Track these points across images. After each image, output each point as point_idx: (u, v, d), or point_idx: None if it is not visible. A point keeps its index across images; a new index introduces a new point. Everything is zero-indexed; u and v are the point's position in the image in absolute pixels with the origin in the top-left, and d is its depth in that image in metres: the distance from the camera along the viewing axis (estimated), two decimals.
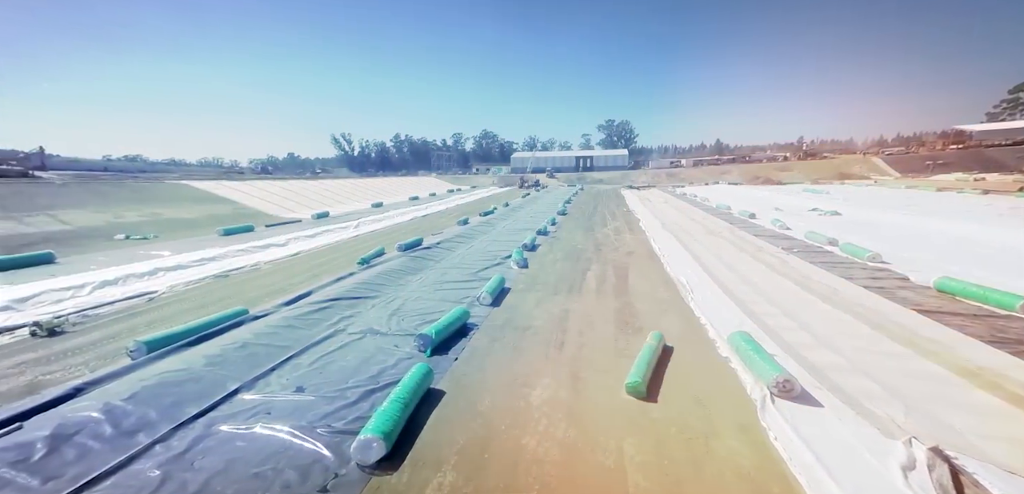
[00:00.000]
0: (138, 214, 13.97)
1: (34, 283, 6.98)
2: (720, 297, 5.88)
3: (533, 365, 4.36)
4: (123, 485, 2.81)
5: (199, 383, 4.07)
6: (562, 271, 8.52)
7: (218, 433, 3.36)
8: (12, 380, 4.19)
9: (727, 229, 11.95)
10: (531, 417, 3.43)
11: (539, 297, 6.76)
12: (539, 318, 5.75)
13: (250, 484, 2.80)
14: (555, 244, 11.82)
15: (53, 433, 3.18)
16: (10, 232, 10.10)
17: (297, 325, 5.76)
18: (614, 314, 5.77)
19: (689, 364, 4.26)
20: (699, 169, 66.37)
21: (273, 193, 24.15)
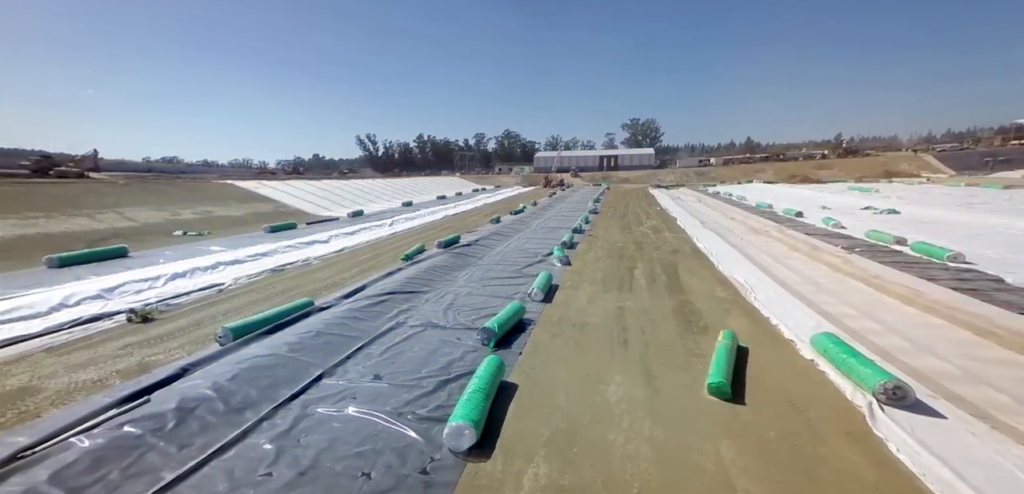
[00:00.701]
0: (191, 212, 14.88)
1: (116, 274, 7.55)
2: (785, 297, 5.69)
3: (600, 361, 4.35)
4: (244, 456, 3.04)
5: (286, 368, 4.33)
6: (607, 268, 8.51)
7: (315, 414, 3.56)
8: (125, 360, 4.59)
9: (774, 228, 11.58)
10: (611, 414, 3.43)
11: (590, 294, 6.78)
12: (595, 315, 5.75)
13: (356, 462, 2.94)
14: (594, 242, 11.79)
15: (177, 407, 3.46)
16: (86, 227, 10.98)
17: (361, 317, 6.00)
18: (673, 312, 5.69)
19: (770, 365, 4.14)
20: (730, 168, 64.33)
21: (308, 192, 25.10)
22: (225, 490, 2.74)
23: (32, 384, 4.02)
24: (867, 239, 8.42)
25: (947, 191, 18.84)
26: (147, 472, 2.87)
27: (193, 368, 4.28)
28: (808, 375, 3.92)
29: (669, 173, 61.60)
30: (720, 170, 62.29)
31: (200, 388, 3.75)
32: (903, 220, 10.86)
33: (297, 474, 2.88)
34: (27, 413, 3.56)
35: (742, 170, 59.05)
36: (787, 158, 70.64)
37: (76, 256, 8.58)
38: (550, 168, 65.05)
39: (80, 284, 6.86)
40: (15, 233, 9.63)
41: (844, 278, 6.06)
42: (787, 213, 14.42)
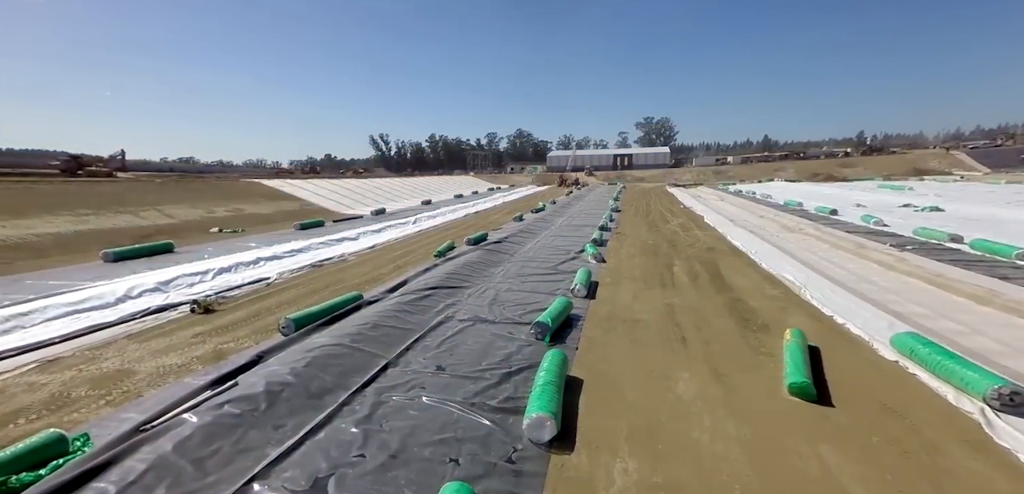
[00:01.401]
0: (224, 209, 15.35)
1: (167, 269, 7.86)
2: (843, 295, 5.55)
3: (662, 358, 4.33)
4: (334, 438, 3.16)
5: (352, 357, 4.46)
6: (644, 265, 8.48)
7: (390, 402, 3.65)
8: (200, 347, 4.82)
9: (809, 226, 11.37)
10: (688, 411, 3.39)
11: (632, 290, 6.77)
12: (643, 311, 5.72)
13: (441, 448, 3.00)
14: (623, 240, 11.75)
15: (265, 390, 3.61)
16: (132, 224, 11.44)
17: (411, 310, 6.12)
18: (725, 309, 5.62)
19: (848, 366, 4.00)
20: (748, 166, 63.13)
21: (330, 190, 25.58)
22: (325, 469, 2.86)
23: (125, 367, 4.29)
24: (917, 237, 8.20)
25: (989, 189, 18.20)
26: (252, 448, 3.03)
27: (267, 355, 4.48)
28: (895, 377, 3.80)
29: (686, 172, 60.80)
30: (739, 169, 61.22)
31: (280, 374, 3.89)
32: (950, 218, 10.50)
33: (388, 456, 2.97)
34: (130, 392, 3.82)
35: (761, 169, 57.88)
36: (808, 156, 68.98)
37: (129, 251, 8.95)
38: (565, 167, 64.84)
39: (138, 277, 7.16)
40: (72, 229, 10.11)
41: (901, 276, 5.90)
42: (820, 211, 14.14)
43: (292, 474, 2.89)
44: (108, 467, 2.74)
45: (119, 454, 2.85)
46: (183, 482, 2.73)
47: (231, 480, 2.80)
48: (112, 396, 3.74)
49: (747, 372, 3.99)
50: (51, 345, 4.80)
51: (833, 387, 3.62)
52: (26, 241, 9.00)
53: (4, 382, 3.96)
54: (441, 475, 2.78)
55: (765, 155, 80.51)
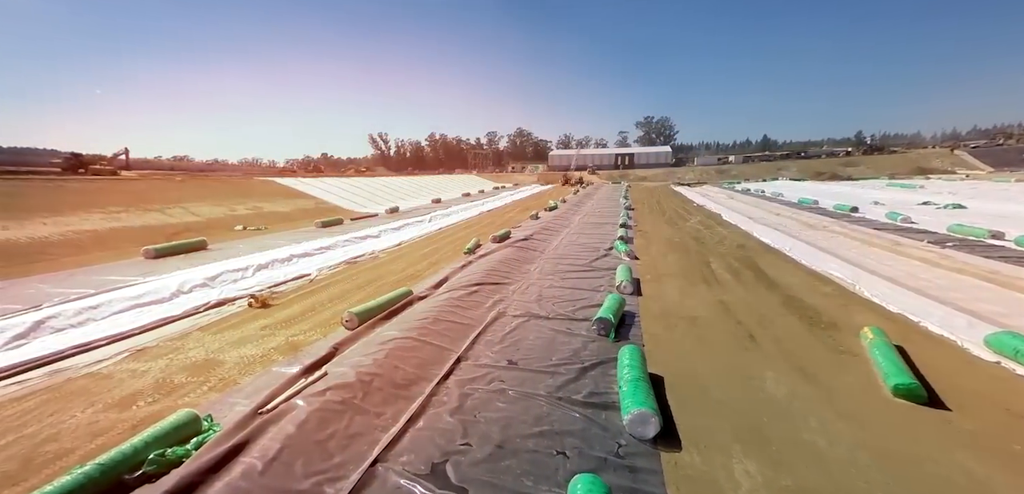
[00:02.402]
0: (245, 208, 15.37)
1: (209, 265, 7.89)
2: (903, 292, 5.47)
3: (737, 356, 4.30)
4: (434, 427, 3.23)
5: (424, 350, 4.50)
6: (679, 262, 8.55)
7: (476, 394, 3.69)
8: (272, 339, 4.90)
9: (834, 223, 11.50)
10: (788, 412, 3.32)
11: (677, 286, 6.84)
12: (697, 308, 5.73)
13: (543, 441, 3.03)
14: (648, 237, 11.82)
15: (358, 380, 3.66)
16: (161, 221, 11.47)
17: (463, 305, 6.17)
18: (783, 307, 5.59)
19: (944, 366, 3.85)
20: (751, 165, 63.37)
21: (342, 189, 25.59)
22: (438, 455, 2.93)
23: (211, 357, 4.40)
24: (953, 234, 8.31)
25: (1001, 187, 18.39)
26: (361, 433, 3.12)
27: (342, 346, 4.58)
28: (1003, 379, 3.67)
29: (688, 171, 60.99)
30: (741, 168, 61.43)
31: (365, 364, 3.96)
32: (976, 215, 10.59)
33: (494, 446, 3.02)
34: (226, 380, 3.95)
35: (764, 168, 58.09)
36: (809, 156, 69.38)
37: (168, 247, 8.99)
38: (568, 166, 65.00)
39: (186, 273, 7.21)
40: (107, 226, 10.13)
41: (951, 274, 5.89)
42: (839, 209, 14.27)
43: (407, 458, 2.97)
44: (247, 445, 2.89)
45: (252, 434, 2.97)
46: (314, 461, 2.85)
47: (356, 461, 2.90)
48: (211, 383, 3.88)
49: (836, 372, 3.92)
50: (132, 336, 4.96)
51: (938, 389, 3.51)
52: (67, 238, 9.04)
53: (108, 369, 4.15)
54: (553, 467, 2.81)
55: (766, 154, 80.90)
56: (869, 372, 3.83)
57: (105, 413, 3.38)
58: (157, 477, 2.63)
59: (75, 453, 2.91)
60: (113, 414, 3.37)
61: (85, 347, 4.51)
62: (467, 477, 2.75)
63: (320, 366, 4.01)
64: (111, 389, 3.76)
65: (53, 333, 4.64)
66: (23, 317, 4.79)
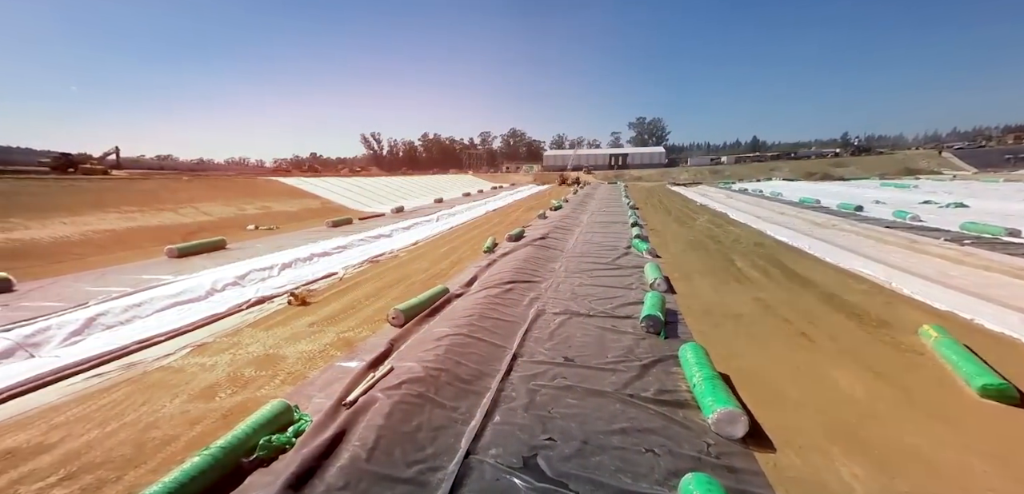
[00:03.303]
0: (254, 207, 15.19)
1: (236, 264, 7.80)
2: (942, 290, 5.50)
3: (798, 354, 4.28)
4: (510, 422, 3.26)
5: (478, 347, 4.52)
6: (701, 261, 8.70)
7: (543, 389, 3.70)
8: (324, 335, 4.92)
9: (842, 222, 11.80)
10: (876, 412, 3.25)
11: (709, 284, 6.93)
12: (737, 305, 5.76)
13: (627, 438, 3.02)
14: (662, 236, 11.96)
15: (425, 375, 3.69)
16: (174, 221, 11.29)
17: (501, 303, 6.19)
18: (825, 305, 5.59)
19: (1021, 364, 3.75)
20: (743, 166, 64.42)
21: (346, 189, 25.39)
22: (526, 450, 2.94)
23: (271, 352, 4.43)
24: (968, 231, 8.61)
25: (991, 187, 19.03)
26: (444, 426, 3.18)
27: (397, 342, 4.63)
28: None
29: (683, 171, 61.77)
30: (734, 168, 62.39)
31: (427, 360, 4.01)
32: (979, 213, 10.90)
33: (580, 443, 3.02)
34: (293, 373, 4.00)
35: (756, 168, 59.09)
36: (799, 156, 70.88)
37: (190, 247, 8.87)
38: (565, 166, 65.35)
39: (216, 272, 7.14)
40: (124, 226, 9.94)
41: (979, 271, 5.99)
42: (844, 207, 14.65)
43: (495, 452, 2.99)
44: (346, 434, 2.97)
45: (345, 424, 3.06)
46: (409, 451, 2.91)
47: (448, 452, 2.95)
48: (281, 376, 3.92)
49: (907, 371, 3.87)
50: (186, 332, 5.01)
51: None
52: (88, 237, 8.86)
53: (176, 363, 4.23)
54: (647, 465, 2.79)
55: (757, 155, 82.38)
56: (940, 371, 3.79)
57: (193, 403, 3.49)
58: (269, 461, 2.81)
59: (180, 439, 3.04)
60: (200, 404, 3.48)
61: (148, 342, 4.57)
62: (562, 472, 2.76)
63: (382, 361, 4.06)
64: (188, 382, 3.83)
65: (105, 330, 4.62)
66: (74, 314, 4.74)
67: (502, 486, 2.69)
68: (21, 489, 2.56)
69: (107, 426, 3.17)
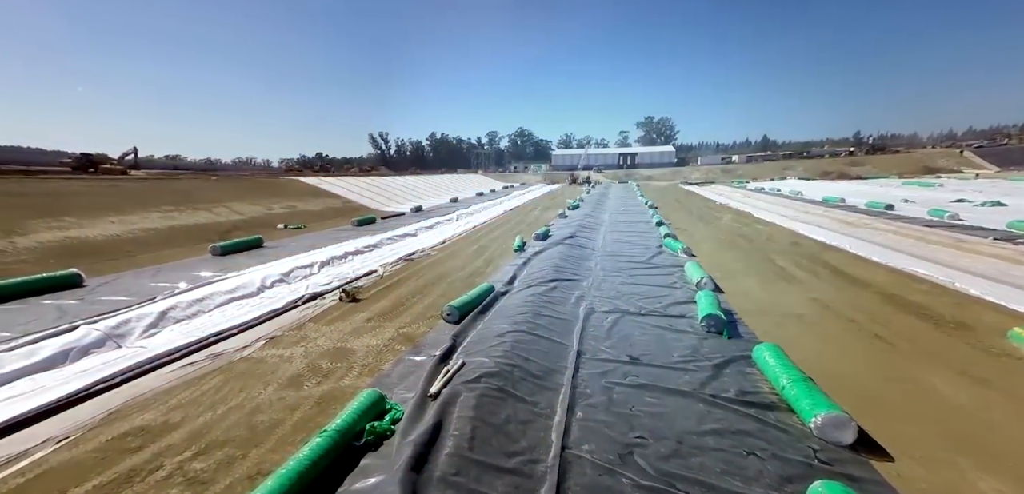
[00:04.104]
0: (280, 206, 15.39)
1: (277, 262, 7.91)
2: (1011, 290, 5.38)
3: (879, 356, 4.19)
4: (593, 419, 3.26)
5: (540, 343, 4.57)
6: (740, 260, 8.60)
7: (618, 388, 3.69)
8: (384, 330, 5.01)
9: (875, 221, 11.66)
10: (992, 421, 3.13)
11: (756, 284, 6.79)
12: (794, 305, 5.67)
13: (723, 440, 2.97)
14: (691, 235, 11.81)
15: (500, 371, 3.74)
16: (210, 220, 11.48)
17: (550, 300, 6.19)
18: (887, 305, 5.47)
19: None
20: (755, 165, 63.75)
21: (363, 188, 25.62)
22: (620, 448, 2.93)
23: (339, 346, 4.54)
24: (1016, 230, 8.44)
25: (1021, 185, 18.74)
26: (531, 420, 3.22)
27: (459, 337, 4.74)
28: None
29: (694, 170, 61.33)
30: (746, 167, 61.78)
31: (495, 355, 4.09)
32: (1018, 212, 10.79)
33: (674, 442, 2.99)
34: (367, 366, 4.11)
35: (769, 167, 58.41)
36: (812, 155, 70.00)
37: (231, 245, 9.02)
38: (576, 166, 65.22)
39: (262, 269, 7.25)
40: (165, 225, 10.14)
41: None
42: (873, 206, 14.47)
43: (589, 447, 2.99)
44: (442, 424, 3.09)
45: (439, 415, 3.17)
46: (504, 443, 2.96)
47: (542, 446, 2.99)
48: (356, 369, 4.05)
49: (1006, 375, 3.73)
50: (254, 326, 5.18)
51: None
52: (135, 236, 9.06)
53: (255, 354, 4.38)
54: (755, 468, 2.72)
55: (768, 154, 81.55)
56: None
57: (284, 391, 3.63)
58: (376, 445, 2.98)
59: (285, 423, 3.19)
60: (292, 392, 3.61)
61: (224, 335, 4.78)
62: (665, 471, 2.72)
63: (449, 356, 4.18)
64: (272, 371, 3.97)
65: (175, 323, 4.72)
66: (148, 308, 4.88)
67: (606, 483, 2.67)
68: (165, 460, 2.79)
69: (217, 409, 3.37)
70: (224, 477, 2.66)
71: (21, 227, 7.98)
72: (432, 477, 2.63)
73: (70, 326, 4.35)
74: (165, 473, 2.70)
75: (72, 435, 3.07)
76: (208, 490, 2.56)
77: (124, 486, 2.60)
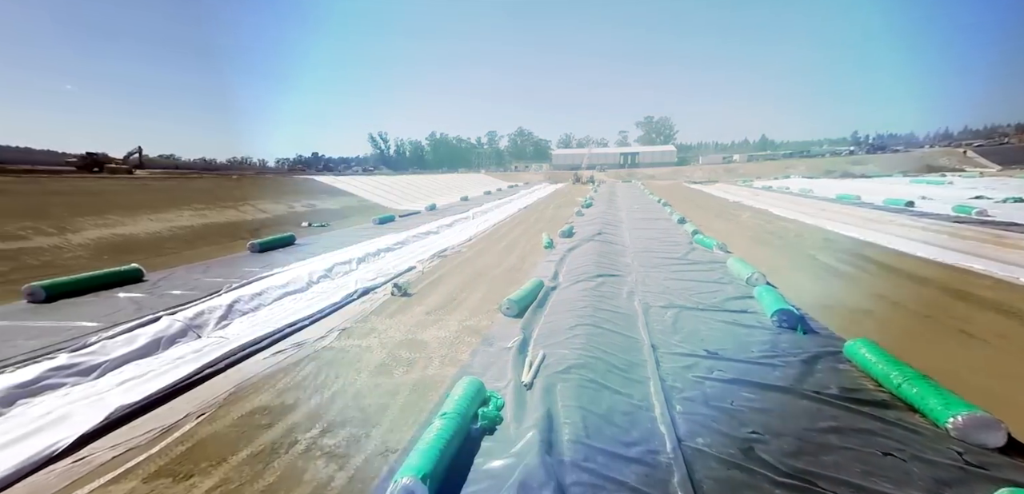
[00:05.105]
0: (300, 204, 15.33)
1: (319, 257, 7.87)
2: None
3: (971, 353, 4.07)
4: (696, 413, 3.20)
5: (614, 337, 4.56)
6: (777, 257, 8.54)
7: (707, 382, 3.60)
8: (445, 324, 5.04)
9: (898, 217, 11.71)
10: None
11: (805, 280, 6.71)
12: (858, 300, 5.57)
13: (848, 439, 2.84)
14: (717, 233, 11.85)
15: (584, 362, 3.76)
16: (239, 218, 11.43)
17: (603, 295, 6.15)
18: (959, 300, 5.33)
19: None
20: (756, 164, 63.97)
21: (374, 187, 25.61)
22: (739, 444, 2.84)
23: (410, 337, 4.60)
24: None
25: None
26: (632, 412, 3.23)
27: (527, 331, 4.80)
28: None
29: (697, 170, 61.51)
30: (747, 166, 61.96)
31: (574, 347, 4.15)
32: None
33: (795, 440, 2.86)
34: (446, 357, 4.16)
35: (770, 166, 58.61)
36: (813, 154, 70.45)
37: (267, 242, 8.99)
38: (579, 165, 65.18)
39: (305, 265, 7.22)
40: (199, 223, 10.08)
41: None
42: (893, 203, 14.53)
43: (704, 441, 2.93)
44: (552, 413, 3.16)
45: (547, 403, 3.24)
46: (615, 434, 2.98)
47: (653, 438, 2.96)
48: (436, 359, 4.11)
49: None
50: (321, 318, 5.28)
51: None
52: (174, 233, 8.99)
53: (334, 344, 4.47)
54: (901, 470, 2.55)
55: (768, 153, 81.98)
56: None
57: (378, 378, 3.73)
58: (491, 430, 3.03)
59: (391, 408, 3.31)
60: (385, 379, 3.72)
61: (299, 326, 4.88)
62: (799, 470, 2.59)
63: (525, 347, 4.24)
64: (357, 360, 4.09)
65: (242, 315, 4.71)
66: (214, 301, 4.86)
67: (738, 477, 2.59)
68: (298, 436, 2.93)
69: (324, 393, 3.48)
70: (358, 453, 2.77)
71: (71, 224, 8.08)
72: (564, 461, 2.66)
73: (154, 317, 4.48)
74: (303, 447, 2.83)
75: (205, 412, 3.26)
76: (349, 462, 2.68)
77: (272, 456, 2.75)
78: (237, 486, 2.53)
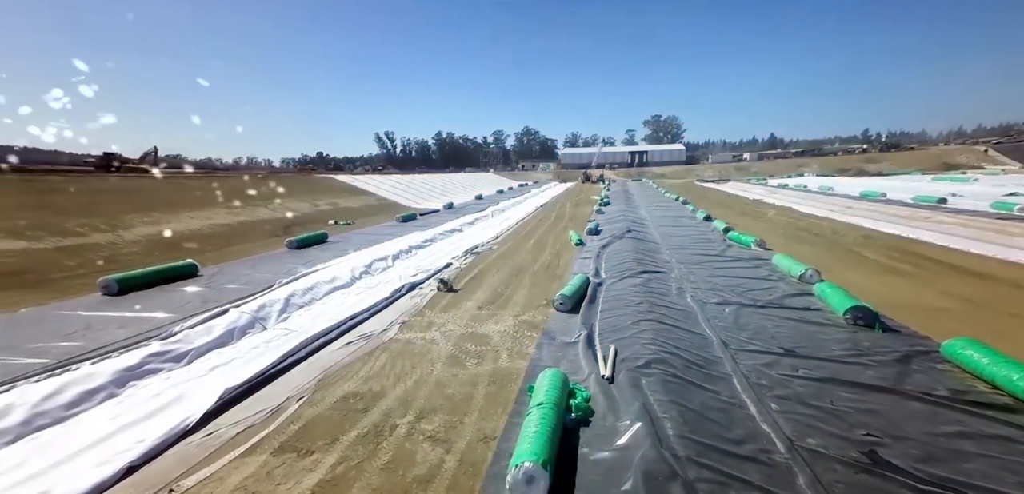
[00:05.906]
0: (324, 203, 15.36)
1: (357, 254, 7.83)
2: None
3: None
4: (793, 412, 3.09)
5: (679, 333, 4.52)
6: (821, 254, 8.23)
7: (796, 381, 3.49)
8: (503, 319, 5.00)
9: (933, 214, 11.44)
10: None
11: (860, 277, 6.38)
12: (929, 299, 5.38)
13: (964, 443, 2.72)
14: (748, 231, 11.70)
15: (663, 359, 3.71)
16: (270, 216, 11.48)
17: (652, 291, 6.03)
18: None
19: None
20: (767, 163, 63.25)
21: (391, 186, 25.66)
22: (855, 449, 2.68)
23: (470, 331, 4.60)
24: None
25: None
26: (726, 409, 3.16)
27: (587, 325, 4.76)
28: None
29: (707, 168, 60.99)
30: (758, 165, 61.27)
31: (647, 343, 4.13)
32: None
33: (921, 446, 2.73)
34: (512, 350, 4.16)
35: (783, 165, 57.89)
36: (824, 152, 69.55)
37: (303, 239, 9.00)
38: (585, 164, 64.95)
39: (345, 261, 7.19)
40: (236, 220, 10.11)
41: None
42: (922, 200, 14.23)
43: (815, 442, 2.74)
44: (646, 407, 3.12)
45: (639, 397, 3.22)
46: (718, 431, 2.90)
47: (757, 438, 2.84)
48: (502, 352, 4.11)
49: None
50: (379, 311, 5.35)
51: None
52: (213, 231, 9.03)
53: (399, 336, 4.49)
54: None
55: (779, 152, 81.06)
56: None
57: (453, 369, 3.76)
58: (585, 422, 3.02)
59: (474, 397, 3.31)
60: (459, 370, 3.74)
61: (360, 319, 4.94)
62: (940, 478, 2.43)
63: (591, 341, 4.24)
64: (426, 352, 4.12)
65: (298, 309, 4.70)
66: (271, 295, 4.85)
67: (869, 481, 2.42)
68: (396, 421, 2.96)
69: (406, 382, 3.51)
70: (459, 438, 2.79)
71: (121, 222, 8.24)
72: (678, 455, 2.59)
73: (222, 309, 4.57)
74: (404, 431, 2.86)
75: (303, 396, 3.33)
76: (454, 446, 2.71)
77: (379, 437, 2.80)
78: (357, 463, 2.58)
